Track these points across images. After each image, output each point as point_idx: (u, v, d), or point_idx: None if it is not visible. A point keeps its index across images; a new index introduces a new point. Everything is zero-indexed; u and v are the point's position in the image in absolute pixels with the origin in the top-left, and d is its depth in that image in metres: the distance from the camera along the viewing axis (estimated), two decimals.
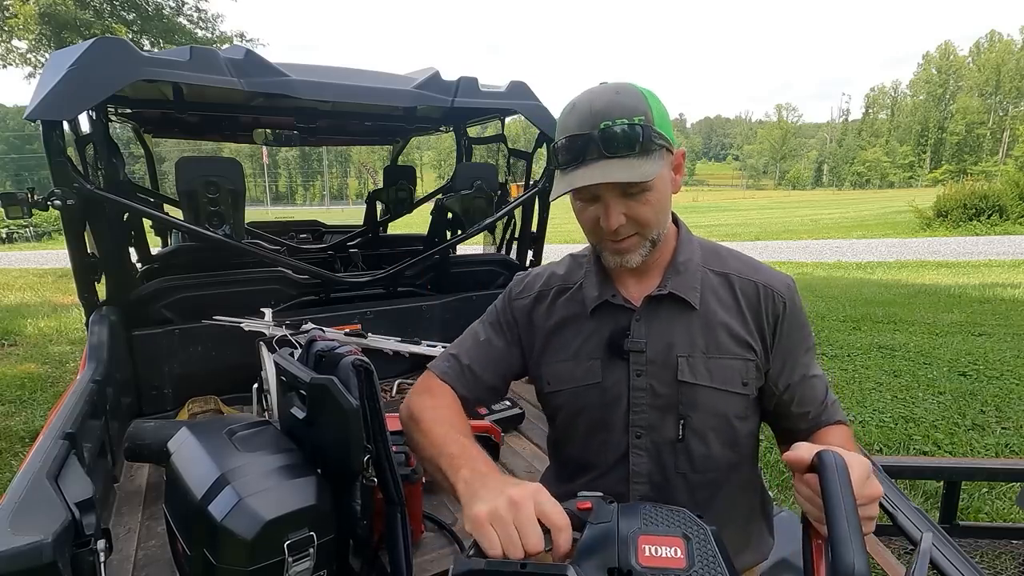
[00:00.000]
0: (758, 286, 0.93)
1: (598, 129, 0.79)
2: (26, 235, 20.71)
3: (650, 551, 0.50)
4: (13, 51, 12.38)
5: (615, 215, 0.83)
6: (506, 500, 0.59)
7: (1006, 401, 3.67)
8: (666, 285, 0.92)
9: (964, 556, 1.59)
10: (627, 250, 0.87)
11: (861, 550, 0.50)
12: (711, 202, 51.33)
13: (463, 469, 0.74)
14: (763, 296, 0.92)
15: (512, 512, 0.58)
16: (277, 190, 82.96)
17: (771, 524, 1.09)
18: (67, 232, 1.77)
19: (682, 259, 0.94)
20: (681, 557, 0.50)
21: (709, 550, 0.51)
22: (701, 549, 0.51)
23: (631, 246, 0.87)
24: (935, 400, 3.74)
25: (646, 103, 0.81)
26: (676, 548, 0.50)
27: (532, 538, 0.56)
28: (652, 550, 0.50)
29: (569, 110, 0.84)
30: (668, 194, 0.87)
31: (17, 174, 55.99)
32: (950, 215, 14.78)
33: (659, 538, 0.51)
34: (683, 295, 0.91)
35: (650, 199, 0.83)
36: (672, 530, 0.53)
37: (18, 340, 5.88)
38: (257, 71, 1.83)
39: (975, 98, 73.82)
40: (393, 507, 0.98)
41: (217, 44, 13.91)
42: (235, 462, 0.92)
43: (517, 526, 0.57)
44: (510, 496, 0.60)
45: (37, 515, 0.83)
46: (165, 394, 2.01)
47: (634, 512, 0.56)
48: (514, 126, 15.68)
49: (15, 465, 3.07)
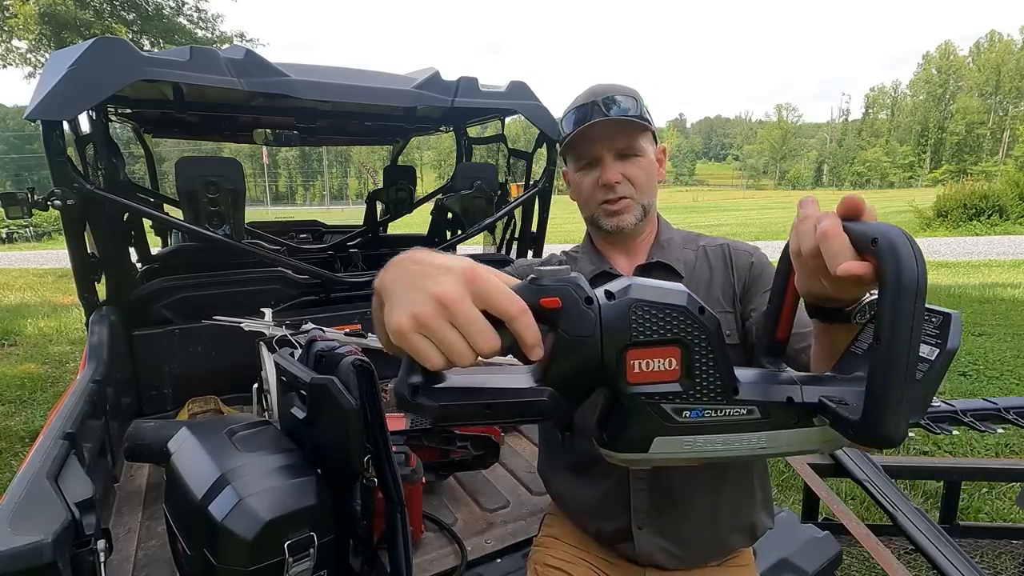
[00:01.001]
0: (726, 248, 1.06)
1: (600, 97, 0.98)
2: (26, 235, 20.71)
3: (639, 367, 0.43)
4: (13, 51, 12.38)
5: (613, 170, 0.98)
6: (431, 302, 0.40)
7: None
8: (653, 256, 1.05)
9: (964, 556, 1.60)
10: (623, 210, 1.00)
11: (905, 412, 0.41)
12: (711, 202, 51.31)
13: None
14: (733, 254, 1.05)
15: (443, 315, 0.40)
16: (277, 190, 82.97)
17: (770, 506, 1.09)
18: (67, 232, 1.78)
19: (664, 238, 1.08)
20: (676, 369, 0.44)
21: (708, 357, 0.44)
22: (701, 355, 0.44)
23: (626, 207, 1.00)
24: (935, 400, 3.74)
25: (638, 95, 1.01)
26: (671, 359, 0.44)
27: (480, 337, 0.40)
28: (642, 365, 0.43)
29: (574, 99, 1.03)
30: (655, 172, 1.03)
31: (17, 174, 55.99)
32: (950, 215, 14.78)
33: (650, 350, 0.43)
34: (669, 262, 1.03)
35: (642, 164, 1.00)
36: (666, 334, 0.44)
37: (18, 340, 5.88)
38: (257, 71, 1.83)
39: (975, 98, 73.81)
40: (393, 507, 0.98)
41: (217, 44, 13.90)
42: (235, 462, 0.92)
43: (457, 328, 0.40)
44: (434, 295, 0.40)
45: (37, 515, 0.83)
46: (165, 394, 2.01)
47: (622, 313, 0.43)
48: (514, 126, 15.69)
49: (15, 465, 3.07)
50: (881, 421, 0.41)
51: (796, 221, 0.50)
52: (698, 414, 0.45)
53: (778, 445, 0.47)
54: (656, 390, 0.44)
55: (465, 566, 1.27)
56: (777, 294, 0.56)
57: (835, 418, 0.44)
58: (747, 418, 0.46)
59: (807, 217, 0.48)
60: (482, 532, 1.42)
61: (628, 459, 0.47)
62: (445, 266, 0.42)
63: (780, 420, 0.46)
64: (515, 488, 1.63)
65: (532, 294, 0.42)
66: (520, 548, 1.35)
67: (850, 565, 2.07)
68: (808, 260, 0.48)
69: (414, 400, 0.43)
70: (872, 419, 0.41)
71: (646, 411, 0.44)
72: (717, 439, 0.46)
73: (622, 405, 0.45)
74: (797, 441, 0.47)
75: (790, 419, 0.47)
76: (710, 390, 0.45)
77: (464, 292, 0.41)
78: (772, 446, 0.47)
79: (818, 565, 1.30)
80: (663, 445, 0.46)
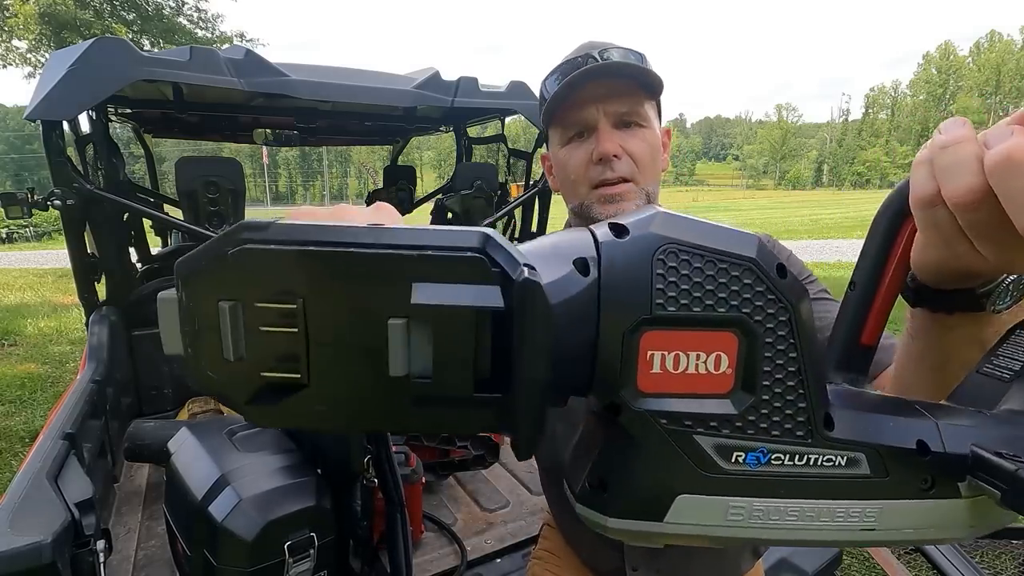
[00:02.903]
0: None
1: (596, 50, 0.75)
2: (26, 235, 20.70)
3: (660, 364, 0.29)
4: (13, 51, 12.38)
5: (610, 140, 0.75)
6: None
7: None
8: None
9: (964, 556, 1.60)
10: (622, 196, 0.77)
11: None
12: (711, 202, 51.31)
13: None
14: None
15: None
16: (277, 190, 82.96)
17: None
18: (67, 232, 1.78)
19: None
20: (728, 373, 0.26)
21: (787, 358, 0.31)
22: (774, 353, 0.28)
23: (626, 192, 0.77)
24: None
25: (643, 54, 0.79)
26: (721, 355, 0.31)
27: None
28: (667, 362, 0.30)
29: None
30: (659, 150, 0.81)
31: (17, 174, 56.00)
32: None
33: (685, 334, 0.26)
34: None
35: (647, 137, 0.77)
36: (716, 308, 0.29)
37: (18, 340, 5.88)
38: (257, 71, 1.83)
39: (975, 98, 73.84)
40: (393, 507, 0.98)
41: (217, 44, 13.91)
42: (235, 462, 0.92)
43: None
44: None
45: (37, 515, 0.83)
46: (165, 394, 2.01)
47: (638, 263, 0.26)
48: (514, 126, 15.71)
49: (15, 465, 3.07)
50: None
51: (927, 153, 0.30)
52: (761, 458, 0.26)
53: (895, 526, 0.27)
54: (689, 409, 0.25)
55: (465, 566, 1.27)
56: (870, 274, 0.36)
57: (1012, 486, 0.24)
58: (846, 473, 0.26)
59: (961, 141, 0.28)
60: (482, 532, 1.42)
61: (628, 530, 0.27)
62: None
63: (903, 481, 0.27)
64: (515, 488, 1.63)
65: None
66: (520, 548, 1.35)
67: (850, 565, 2.07)
68: (966, 211, 0.28)
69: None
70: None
71: (668, 447, 0.25)
72: (789, 507, 0.26)
73: (624, 432, 0.25)
74: (929, 521, 0.28)
75: (920, 481, 0.27)
76: (785, 417, 0.25)
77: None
78: (884, 527, 0.27)
79: (818, 565, 1.30)
80: (692, 510, 0.26)
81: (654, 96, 0.80)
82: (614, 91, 0.75)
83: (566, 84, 0.75)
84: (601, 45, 0.77)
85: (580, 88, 0.75)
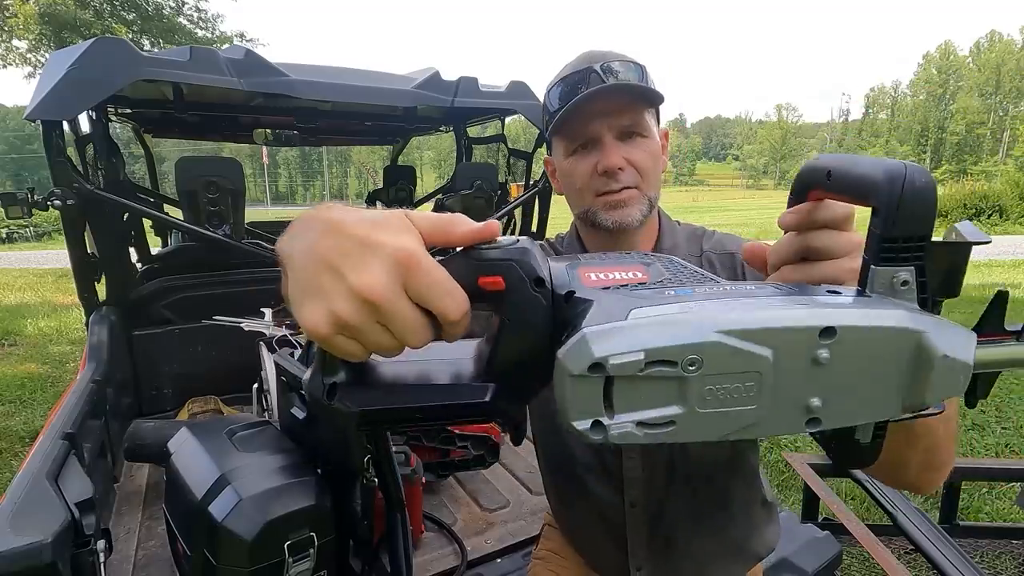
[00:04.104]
0: (734, 256, 0.88)
1: (598, 64, 0.78)
2: (26, 235, 20.70)
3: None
4: (13, 51, 12.38)
5: (615, 154, 0.79)
6: (354, 300, 0.30)
7: (1006, 401, 3.67)
8: None
9: (964, 556, 1.60)
10: (627, 202, 0.81)
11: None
12: (711, 202, 51.32)
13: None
14: (747, 271, 0.85)
15: (370, 316, 0.31)
16: (277, 190, 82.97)
17: (775, 519, 1.03)
18: (67, 232, 1.78)
19: (668, 244, 0.90)
20: (643, 277, 0.35)
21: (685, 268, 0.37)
22: (671, 265, 0.37)
23: (630, 199, 0.81)
24: None
25: (642, 64, 0.82)
26: (636, 271, 0.36)
27: (412, 336, 0.32)
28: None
29: (561, 68, 0.83)
30: (660, 156, 0.84)
31: (17, 174, 56.03)
32: (950, 215, 14.77)
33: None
34: None
35: (648, 147, 0.81)
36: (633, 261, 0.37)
37: (18, 340, 5.88)
38: (257, 71, 1.83)
39: (975, 98, 73.83)
40: (393, 507, 0.98)
41: (217, 44, 13.90)
42: (235, 462, 0.92)
43: (386, 326, 0.32)
44: (358, 291, 0.30)
45: (37, 515, 0.83)
46: (165, 394, 2.01)
47: (572, 271, 0.35)
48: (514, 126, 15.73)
49: (15, 465, 3.07)
50: None
51: None
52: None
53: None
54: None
55: (465, 566, 1.27)
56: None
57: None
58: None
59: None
60: (482, 532, 1.42)
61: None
62: (371, 243, 0.31)
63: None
64: (515, 488, 1.63)
65: (471, 271, 0.33)
66: (520, 548, 1.35)
67: (850, 565, 2.07)
68: None
69: (330, 402, 0.37)
70: None
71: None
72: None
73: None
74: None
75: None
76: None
77: (396, 287, 0.31)
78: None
79: (818, 565, 1.30)
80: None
81: (654, 105, 0.83)
82: (617, 106, 0.79)
83: (573, 103, 0.78)
84: (602, 57, 0.79)
85: (586, 105, 0.78)
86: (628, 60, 0.80)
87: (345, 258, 0.31)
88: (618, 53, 0.81)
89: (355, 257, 0.31)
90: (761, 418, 0.29)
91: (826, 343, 0.28)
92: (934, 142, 79.38)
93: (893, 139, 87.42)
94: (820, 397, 0.29)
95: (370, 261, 0.30)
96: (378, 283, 0.30)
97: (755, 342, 0.28)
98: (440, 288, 0.31)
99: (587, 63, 0.79)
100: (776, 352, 0.28)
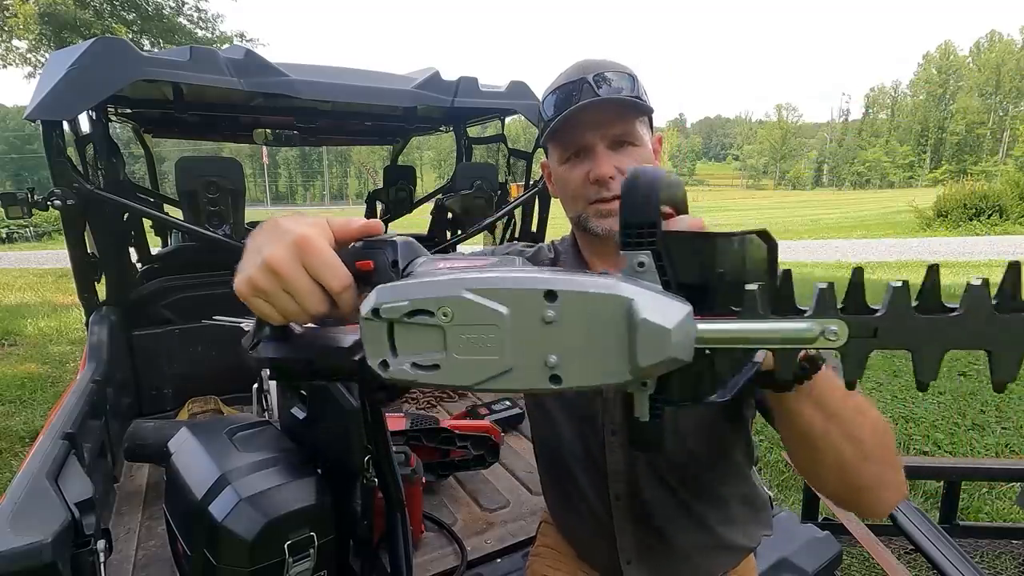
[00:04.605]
0: None
1: (590, 74, 0.81)
2: (26, 235, 20.69)
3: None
4: (13, 51, 12.38)
5: (606, 163, 0.82)
6: (264, 268, 0.44)
7: (1006, 401, 3.67)
8: None
9: (964, 556, 1.60)
10: (617, 211, 0.82)
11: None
12: (711, 202, 51.30)
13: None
14: None
15: (274, 281, 0.44)
16: (277, 190, 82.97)
17: (766, 515, 1.03)
18: (67, 232, 1.78)
19: None
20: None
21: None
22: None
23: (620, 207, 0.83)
24: (935, 400, 3.74)
25: (634, 72, 0.85)
26: (477, 263, 0.42)
27: (307, 301, 0.44)
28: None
29: (556, 76, 0.86)
30: (652, 163, 0.87)
31: (17, 174, 56.02)
32: (950, 215, 14.78)
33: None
34: None
35: (639, 155, 0.84)
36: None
37: (18, 340, 5.88)
38: (257, 71, 1.83)
39: (975, 98, 73.79)
40: (393, 507, 0.98)
41: (217, 44, 13.90)
42: (235, 462, 0.92)
43: (288, 292, 0.44)
44: (267, 262, 0.44)
45: (37, 515, 0.83)
46: (165, 394, 2.01)
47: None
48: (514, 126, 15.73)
49: (15, 465, 3.07)
50: None
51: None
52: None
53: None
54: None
55: (465, 566, 1.27)
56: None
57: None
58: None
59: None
60: (482, 532, 1.42)
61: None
62: (284, 231, 0.45)
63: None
64: (515, 488, 1.63)
65: (349, 257, 0.45)
66: (520, 548, 1.35)
67: (850, 565, 2.07)
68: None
69: (251, 351, 0.48)
70: None
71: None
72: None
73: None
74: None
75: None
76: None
77: (294, 260, 0.44)
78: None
79: (818, 565, 1.30)
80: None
81: (644, 114, 0.86)
82: (608, 117, 0.82)
83: (566, 114, 0.81)
84: (595, 67, 0.82)
85: (577, 115, 0.81)
86: (621, 70, 0.83)
87: (265, 243, 0.45)
88: (611, 62, 0.84)
89: (271, 241, 0.45)
90: (508, 368, 0.35)
91: (551, 304, 0.33)
92: (934, 142, 79.41)
93: (893, 139, 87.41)
94: (556, 354, 0.34)
95: (278, 243, 0.44)
96: (281, 257, 0.43)
97: (493, 299, 0.34)
98: (327, 265, 0.44)
99: (580, 73, 0.82)
100: (512, 310, 0.34)
